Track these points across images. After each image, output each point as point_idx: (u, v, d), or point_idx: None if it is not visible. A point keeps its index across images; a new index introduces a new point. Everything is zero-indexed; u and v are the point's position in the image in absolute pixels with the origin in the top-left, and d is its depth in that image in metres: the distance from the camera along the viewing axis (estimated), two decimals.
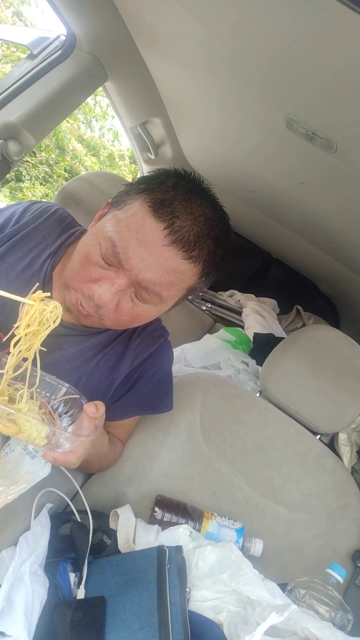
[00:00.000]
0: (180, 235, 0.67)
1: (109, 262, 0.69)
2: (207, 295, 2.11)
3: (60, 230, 0.87)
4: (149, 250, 0.67)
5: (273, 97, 0.82)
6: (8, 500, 0.62)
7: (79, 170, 6.22)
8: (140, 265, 0.67)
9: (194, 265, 0.70)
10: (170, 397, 0.95)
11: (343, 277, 1.73)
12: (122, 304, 0.72)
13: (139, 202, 0.69)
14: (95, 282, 0.70)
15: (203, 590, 0.73)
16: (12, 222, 0.86)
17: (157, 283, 0.69)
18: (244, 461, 1.05)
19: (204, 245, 0.69)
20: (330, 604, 0.78)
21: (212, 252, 0.72)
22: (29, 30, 2.08)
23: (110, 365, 0.85)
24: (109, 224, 0.70)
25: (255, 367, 1.58)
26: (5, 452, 0.66)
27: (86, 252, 0.71)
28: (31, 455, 0.66)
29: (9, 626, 0.58)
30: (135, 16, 1.00)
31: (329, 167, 0.91)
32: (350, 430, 1.44)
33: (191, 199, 0.69)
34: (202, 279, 0.76)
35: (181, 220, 0.67)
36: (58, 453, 0.61)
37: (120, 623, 0.65)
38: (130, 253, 0.67)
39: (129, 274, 0.68)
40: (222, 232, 0.73)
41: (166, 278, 0.69)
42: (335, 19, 0.53)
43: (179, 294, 0.75)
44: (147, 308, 0.74)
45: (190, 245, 0.68)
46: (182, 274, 0.70)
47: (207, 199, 0.72)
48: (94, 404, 0.66)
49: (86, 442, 0.64)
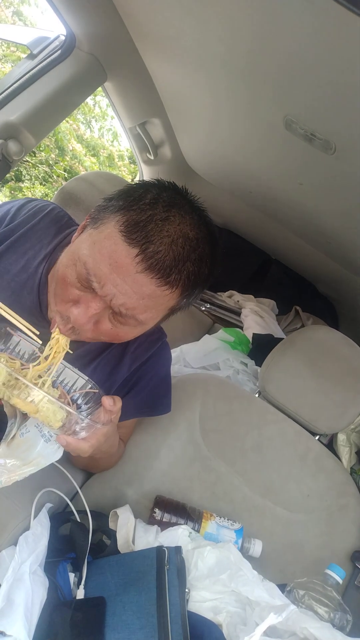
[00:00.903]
0: (154, 262, 0.62)
1: (85, 286, 0.66)
2: (206, 295, 2.11)
3: (55, 231, 0.85)
4: (121, 276, 0.63)
5: (272, 98, 0.82)
6: (15, 479, 0.63)
7: (78, 171, 6.21)
8: (113, 291, 0.64)
9: (172, 289, 0.66)
10: (169, 399, 0.95)
11: (342, 278, 1.73)
12: (100, 325, 0.69)
13: (113, 222, 0.65)
14: (73, 304, 0.68)
15: (202, 590, 0.73)
16: (7, 222, 0.84)
17: (131, 308, 0.65)
18: (243, 462, 1.05)
19: (182, 269, 0.64)
20: (329, 605, 0.78)
21: (194, 273, 0.67)
22: (29, 30, 2.08)
23: (108, 370, 0.85)
24: (84, 245, 0.67)
25: (254, 367, 1.58)
26: (22, 432, 0.67)
27: (63, 274, 0.68)
28: (45, 439, 0.66)
29: (9, 626, 0.58)
30: (135, 16, 1.00)
31: (328, 168, 0.91)
32: (349, 431, 1.45)
33: (169, 218, 0.64)
34: (185, 300, 0.72)
35: (155, 245, 0.62)
36: (72, 438, 0.62)
37: (119, 623, 0.65)
38: (104, 280, 0.63)
39: (103, 299, 0.65)
40: (207, 250, 0.68)
41: (141, 303, 0.65)
42: (334, 20, 0.53)
43: (159, 315, 0.72)
44: (125, 329, 0.71)
45: (166, 271, 0.63)
46: (160, 298, 0.66)
47: (189, 215, 0.66)
48: (112, 398, 0.66)
49: (100, 433, 0.65)
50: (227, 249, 2.16)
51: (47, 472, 0.79)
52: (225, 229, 2.15)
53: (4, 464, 0.63)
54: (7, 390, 0.58)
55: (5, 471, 0.63)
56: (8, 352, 0.65)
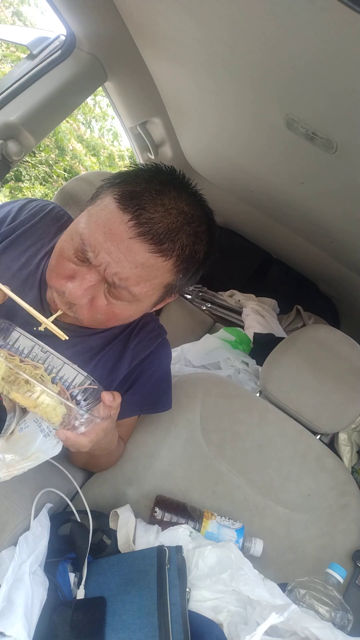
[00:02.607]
0: (148, 228, 0.64)
1: (81, 259, 0.68)
2: (207, 295, 2.11)
3: (56, 230, 0.86)
4: (115, 243, 0.64)
5: (273, 97, 0.82)
6: (14, 473, 0.63)
7: (78, 170, 6.21)
8: (107, 259, 0.65)
9: (165, 259, 0.67)
10: (169, 396, 0.95)
11: (343, 277, 1.73)
12: (96, 301, 0.70)
13: (109, 195, 0.67)
14: (68, 279, 0.69)
15: (203, 590, 0.73)
16: (8, 221, 0.85)
17: (124, 278, 0.66)
18: (244, 461, 1.05)
19: (175, 239, 0.66)
20: (330, 604, 0.78)
21: (189, 247, 0.68)
22: (29, 30, 2.08)
23: (109, 367, 0.85)
24: (82, 219, 0.69)
25: (255, 367, 1.58)
26: (21, 427, 0.67)
27: (60, 249, 0.70)
28: (44, 434, 0.66)
29: (9, 626, 0.58)
30: (135, 16, 1.00)
31: (329, 167, 0.91)
32: (351, 430, 1.45)
33: (164, 191, 0.66)
34: (181, 277, 0.72)
35: (149, 212, 0.64)
36: (71, 433, 0.62)
37: (120, 623, 0.65)
38: (98, 248, 0.65)
39: (98, 269, 0.66)
40: (202, 228, 0.70)
41: (134, 272, 0.66)
42: (335, 18, 0.53)
43: (154, 291, 0.72)
44: (122, 306, 0.71)
45: (159, 238, 0.65)
46: (153, 268, 0.67)
47: (185, 193, 0.69)
48: (111, 393, 0.66)
49: (99, 428, 0.65)
50: (228, 248, 2.16)
51: (47, 472, 0.79)
52: (226, 228, 2.15)
53: (3, 458, 0.64)
54: (6, 385, 0.59)
55: (4, 466, 0.63)
56: (7, 347, 0.65)
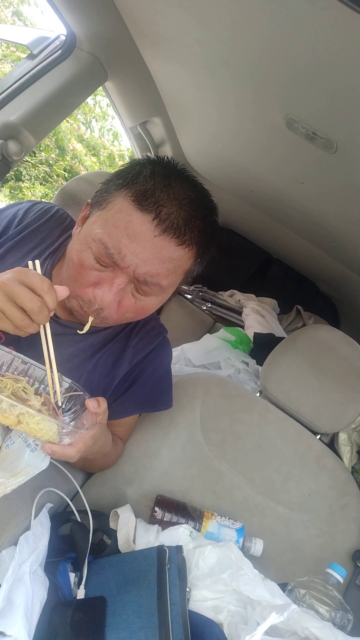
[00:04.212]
0: (170, 223, 0.67)
1: (104, 264, 0.69)
2: (208, 295, 2.11)
3: (60, 231, 0.88)
4: (141, 244, 0.66)
5: (273, 97, 0.82)
6: (7, 491, 0.62)
7: (78, 170, 6.22)
8: (135, 260, 0.67)
9: (188, 249, 0.70)
10: (170, 395, 0.95)
11: (343, 277, 1.73)
12: (124, 301, 0.72)
13: (121, 198, 0.69)
14: (94, 286, 0.71)
15: (203, 590, 0.73)
16: (15, 224, 0.86)
17: (155, 274, 0.69)
18: (244, 461, 1.05)
19: (193, 227, 0.69)
20: (330, 604, 0.78)
21: (203, 231, 0.71)
22: (29, 30, 2.08)
23: (109, 364, 0.85)
24: (95, 225, 0.70)
25: (256, 366, 1.58)
26: (7, 444, 0.67)
27: (79, 258, 0.70)
28: (31, 448, 0.66)
29: (9, 626, 0.58)
30: (135, 16, 1.00)
31: (329, 167, 0.91)
32: (351, 430, 1.44)
33: (171, 184, 0.69)
34: (199, 260, 0.76)
35: (167, 207, 0.67)
36: (57, 446, 0.61)
37: (120, 623, 0.65)
38: (124, 251, 0.66)
39: (126, 271, 0.68)
40: (207, 210, 0.73)
41: (163, 267, 0.69)
42: (335, 18, 0.53)
43: (178, 279, 0.76)
44: (149, 300, 0.74)
45: (181, 231, 0.68)
46: (178, 259, 0.70)
47: (186, 180, 0.72)
48: (95, 400, 0.66)
49: (86, 437, 0.64)
50: (228, 248, 2.16)
51: (47, 472, 0.79)
52: (227, 228, 2.15)
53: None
54: None
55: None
56: None
